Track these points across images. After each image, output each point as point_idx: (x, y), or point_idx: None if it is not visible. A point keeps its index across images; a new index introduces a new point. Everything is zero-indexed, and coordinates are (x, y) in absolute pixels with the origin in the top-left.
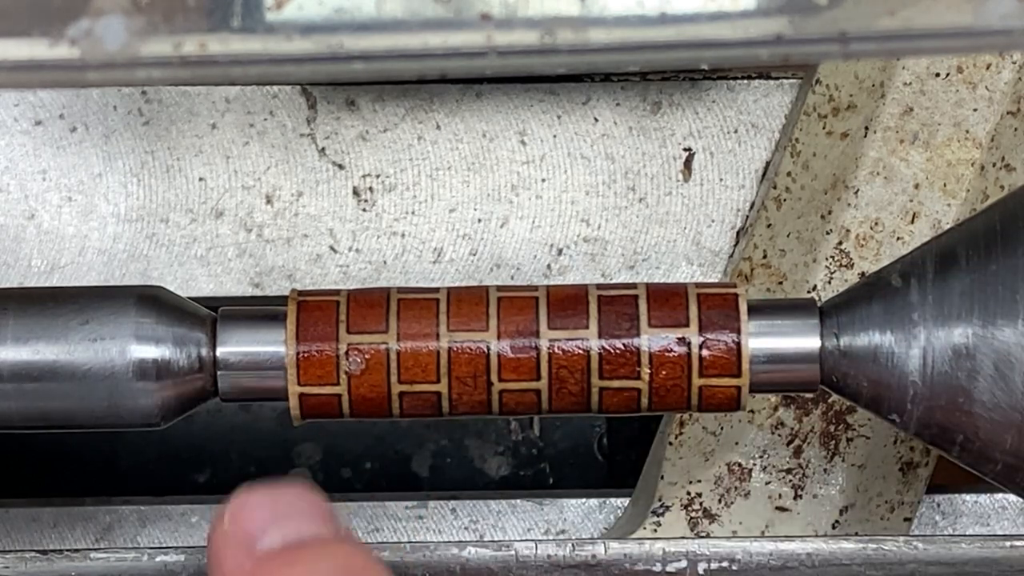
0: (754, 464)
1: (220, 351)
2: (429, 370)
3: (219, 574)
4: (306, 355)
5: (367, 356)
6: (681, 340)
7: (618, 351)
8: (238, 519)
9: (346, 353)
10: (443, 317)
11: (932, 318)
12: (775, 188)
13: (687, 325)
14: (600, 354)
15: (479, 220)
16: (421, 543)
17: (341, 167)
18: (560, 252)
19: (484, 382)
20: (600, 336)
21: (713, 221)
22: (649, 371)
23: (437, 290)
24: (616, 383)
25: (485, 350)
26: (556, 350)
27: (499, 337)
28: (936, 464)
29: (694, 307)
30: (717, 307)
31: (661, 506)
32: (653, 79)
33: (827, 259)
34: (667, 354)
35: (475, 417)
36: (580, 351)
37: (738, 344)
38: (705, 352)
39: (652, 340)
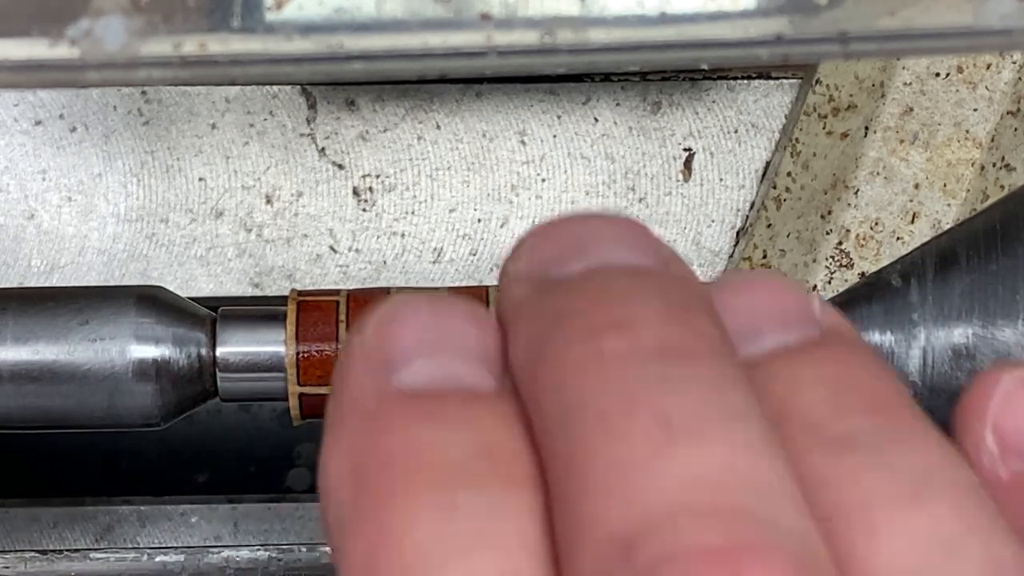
0: None
1: (220, 351)
2: None
3: (338, 404)
4: (306, 355)
5: None
6: None
7: None
8: (382, 331)
9: None
10: None
11: (932, 318)
12: (775, 188)
13: None
14: None
15: (479, 220)
16: None
17: (341, 167)
18: None
19: None
20: None
21: (713, 221)
22: None
23: (437, 290)
24: None
25: None
26: None
27: None
28: None
29: None
30: None
31: None
32: (653, 79)
33: (827, 259)
34: None
35: None
36: None
37: None
38: None
39: None
